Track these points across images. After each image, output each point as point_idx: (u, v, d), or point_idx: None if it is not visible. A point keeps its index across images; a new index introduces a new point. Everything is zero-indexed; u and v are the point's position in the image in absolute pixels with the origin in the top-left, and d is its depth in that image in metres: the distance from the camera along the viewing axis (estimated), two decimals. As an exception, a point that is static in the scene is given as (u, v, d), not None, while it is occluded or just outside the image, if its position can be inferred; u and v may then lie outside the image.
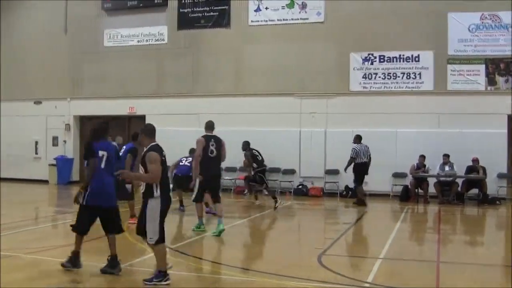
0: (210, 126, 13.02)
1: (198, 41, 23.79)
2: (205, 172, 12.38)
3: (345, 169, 19.06)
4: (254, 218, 16.01)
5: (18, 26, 26.82)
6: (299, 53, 22.27)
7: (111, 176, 8.84)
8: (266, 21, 22.74)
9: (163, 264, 8.21)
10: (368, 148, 18.81)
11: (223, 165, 21.75)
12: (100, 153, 8.74)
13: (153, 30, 24.40)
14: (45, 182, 25.31)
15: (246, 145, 18.48)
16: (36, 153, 26.15)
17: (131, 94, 24.67)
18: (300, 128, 21.98)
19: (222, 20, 23.22)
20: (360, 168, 18.70)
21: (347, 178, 20.44)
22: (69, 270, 8.75)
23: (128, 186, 13.56)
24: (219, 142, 12.72)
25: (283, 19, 22.54)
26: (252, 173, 18.23)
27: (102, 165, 8.76)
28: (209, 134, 12.80)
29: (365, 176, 18.92)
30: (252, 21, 22.92)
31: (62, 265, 8.77)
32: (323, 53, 22.06)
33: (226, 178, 22.01)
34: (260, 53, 22.86)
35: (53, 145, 25.84)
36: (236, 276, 9.08)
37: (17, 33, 26.79)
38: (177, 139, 21.56)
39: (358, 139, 18.86)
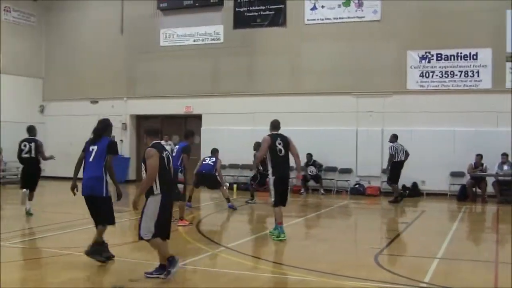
0: (275, 125, 13.23)
1: (254, 40, 25.83)
2: (276, 174, 12.79)
3: (387, 168, 21.00)
4: (311, 218, 17.22)
5: (75, 27, 29.82)
6: (355, 51, 23.94)
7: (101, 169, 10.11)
8: (322, 19, 24.54)
9: (162, 258, 9.09)
10: (403, 146, 20.75)
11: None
12: (90, 148, 10.15)
13: (209, 29, 26.73)
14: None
15: (258, 146, 19.86)
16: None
17: (188, 93, 26.96)
18: (357, 127, 23.66)
19: (278, 19, 25.15)
20: (398, 166, 20.70)
21: (404, 177, 22.11)
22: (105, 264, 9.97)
23: (180, 187, 14.44)
24: (286, 141, 12.97)
25: (339, 18, 24.29)
26: (255, 172, 20.31)
27: (90, 159, 10.12)
28: (274, 133, 13.10)
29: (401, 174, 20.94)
30: (308, 20, 24.78)
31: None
32: (380, 51, 23.66)
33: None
34: (316, 52, 24.63)
35: (112, 144, 28.55)
36: (293, 275, 9.60)
37: (74, 34, 29.79)
38: (232, 138, 24.09)
39: (394, 138, 20.75)
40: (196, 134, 25.83)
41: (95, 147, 10.13)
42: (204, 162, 19.26)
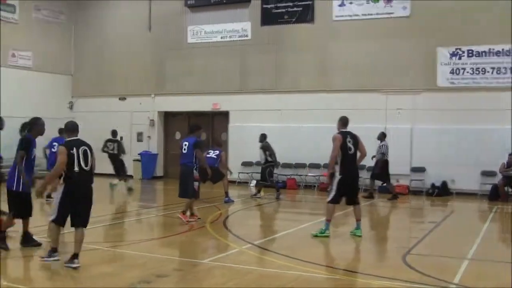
0: (345, 122, 13.18)
1: (282, 37, 25.58)
2: (345, 172, 12.64)
3: (376, 166, 21.11)
4: (338, 216, 16.53)
5: (103, 24, 29.89)
6: (384, 48, 23.59)
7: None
8: (351, 16, 24.22)
9: (54, 243, 9.69)
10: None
11: (311, 160, 23.88)
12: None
13: (236, 26, 26.51)
14: (130, 177, 27.99)
15: (264, 138, 20.63)
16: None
17: (215, 90, 26.82)
18: (386, 124, 23.17)
19: (306, 15, 24.89)
20: (387, 165, 20.96)
21: (434, 176, 22.11)
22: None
23: (196, 184, 14.59)
24: (355, 138, 12.95)
25: (368, 14, 23.93)
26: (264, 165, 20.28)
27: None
28: (344, 130, 13.03)
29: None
30: (336, 16, 24.45)
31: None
32: (409, 48, 23.24)
33: (310, 175, 24.04)
34: (345, 49, 24.30)
35: (138, 140, 28.43)
36: (319, 273, 9.67)
37: (103, 31, 29.85)
38: (259, 136, 23.71)
39: (384, 136, 20.95)
40: (223, 132, 25.76)
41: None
42: (207, 155, 18.99)
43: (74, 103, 30.56)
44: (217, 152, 19.30)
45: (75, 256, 9.52)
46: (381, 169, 20.98)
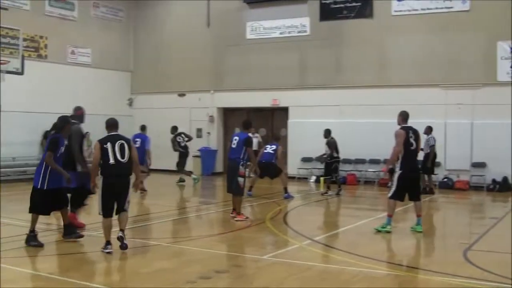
0: (406, 116, 13.60)
1: (341, 32, 26.64)
2: (405, 168, 13.12)
3: (427, 160, 21.76)
4: (398, 212, 16.70)
5: (162, 21, 31.56)
6: (444, 43, 24.36)
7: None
8: (410, 10, 25.06)
9: (106, 236, 10.90)
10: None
11: (370, 156, 24.79)
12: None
13: (295, 21, 27.68)
14: (189, 173, 29.19)
15: (328, 133, 21.20)
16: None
17: (274, 86, 28.09)
18: (446, 119, 24.04)
19: (364, 10, 25.86)
20: (435, 158, 22.00)
21: (494, 171, 22.94)
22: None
23: (241, 180, 14.80)
24: (417, 134, 13.41)
25: (427, 9, 24.70)
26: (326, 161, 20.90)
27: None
28: (406, 125, 13.46)
29: None
30: (395, 11, 25.35)
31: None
32: (469, 42, 23.96)
33: (370, 170, 25.09)
34: (404, 44, 25.21)
35: (197, 136, 29.61)
36: (379, 269, 9.91)
37: (162, 28, 31.55)
38: (319, 131, 24.64)
39: (430, 130, 21.82)
40: (283, 127, 26.74)
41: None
42: (265, 151, 20.09)
43: (133, 100, 32.30)
44: (274, 146, 20.10)
45: (121, 230, 11.13)
46: (431, 161, 21.96)
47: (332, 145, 20.86)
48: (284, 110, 27.92)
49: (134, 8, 32.21)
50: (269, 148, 20.06)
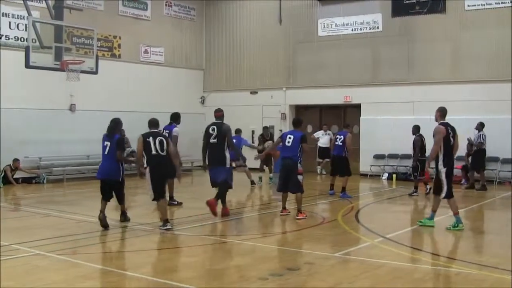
0: (445, 112, 13.60)
1: (413, 28, 26.46)
2: (449, 165, 13.11)
3: (473, 156, 21.84)
4: (471, 209, 17.29)
5: (233, 18, 31.94)
6: (519, 37, 23.90)
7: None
8: (483, 5, 24.65)
9: (163, 215, 12.95)
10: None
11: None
12: (105, 143, 13.40)
13: (367, 18, 27.63)
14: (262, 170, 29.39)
15: (417, 130, 20.38)
16: (253, 142, 30.42)
17: (346, 83, 28.11)
18: (521, 115, 23.55)
19: (437, 5, 25.54)
20: (484, 154, 21.85)
21: None
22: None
23: (300, 178, 14.90)
24: (454, 130, 13.33)
25: (501, 2, 24.28)
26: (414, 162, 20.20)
27: (106, 152, 13.32)
28: (445, 121, 13.44)
29: None
30: (468, 6, 24.99)
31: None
32: None
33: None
34: (477, 39, 24.87)
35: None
36: (452, 267, 9.87)
37: (233, 26, 31.94)
38: (391, 128, 24.66)
39: (482, 126, 21.73)
40: (355, 124, 26.68)
41: (109, 143, 13.38)
42: (335, 143, 19.78)
43: (205, 98, 32.57)
44: (342, 137, 19.52)
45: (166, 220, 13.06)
46: (481, 158, 21.82)
47: (416, 143, 20.00)
48: (357, 107, 27.87)
49: (206, 6, 32.70)
50: (338, 140, 19.61)
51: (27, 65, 19.61)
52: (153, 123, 13.56)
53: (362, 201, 19.24)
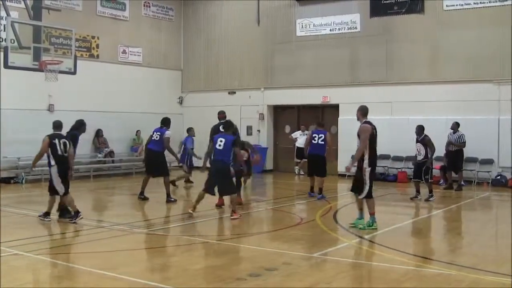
0: (366, 111, 13.91)
1: (392, 28, 26.48)
2: (374, 164, 13.26)
3: (455, 156, 21.84)
4: (449, 210, 17.26)
5: (212, 19, 31.83)
6: (498, 37, 23.89)
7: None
8: (462, 5, 24.68)
9: (74, 207, 13.76)
10: None
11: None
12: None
13: (345, 18, 27.60)
14: (240, 170, 29.40)
15: (421, 130, 19.23)
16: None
17: (324, 83, 28.10)
18: (499, 116, 23.58)
19: (415, 6, 25.49)
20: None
21: None
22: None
23: (233, 180, 15.69)
24: (376, 129, 13.53)
25: (480, 3, 24.30)
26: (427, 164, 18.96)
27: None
28: (368, 120, 13.69)
29: None
30: (447, 6, 25.01)
31: None
32: None
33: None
34: (456, 39, 24.85)
35: (247, 134, 29.63)
36: (431, 268, 9.88)
37: (211, 26, 31.84)
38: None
39: (458, 125, 21.97)
40: (333, 125, 26.72)
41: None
42: (313, 142, 19.15)
43: (183, 98, 32.63)
44: (323, 135, 19.08)
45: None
46: (460, 159, 22.09)
47: (428, 144, 18.81)
48: (335, 107, 27.85)
49: (184, 6, 32.62)
50: (318, 139, 19.00)
51: (6, 66, 19.49)
52: (57, 125, 14.82)
53: (341, 201, 19.32)
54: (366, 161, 12.99)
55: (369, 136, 12.94)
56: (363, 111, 13.65)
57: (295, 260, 10.41)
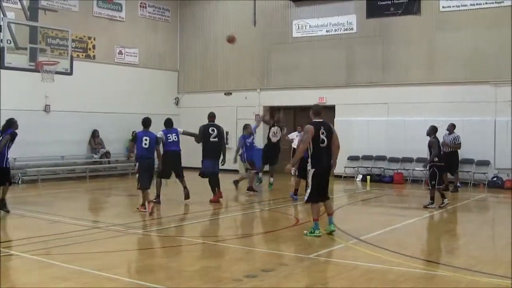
0: (319, 111, 12.66)
1: (388, 29, 26.53)
2: (318, 166, 12.33)
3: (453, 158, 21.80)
4: (446, 211, 17.15)
5: (208, 20, 31.91)
6: (494, 38, 23.96)
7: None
8: (459, 6, 24.73)
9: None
10: None
11: (418, 154, 24.63)
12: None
13: (341, 19, 27.66)
14: (236, 171, 29.40)
15: (433, 131, 18.08)
16: (227, 144, 30.46)
17: (321, 84, 28.15)
18: (496, 117, 23.64)
19: (412, 7, 25.62)
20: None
21: None
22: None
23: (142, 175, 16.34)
24: (329, 130, 12.45)
25: (476, 4, 24.35)
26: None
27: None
28: (318, 120, 12.45)
29: None
30: (443, 7, 25.08)
31: None
32: None
33: (417, 169, 24.68)
34: (453, 40, 24.92)
35: (243, 135, 29.99)
36: (427, 270, 9.95)
37: (208, 27, 31.93)
38: (366, 129, 24.71)
39: (454, 127, 22.04)
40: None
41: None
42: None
43: (180, 99, 32.64)
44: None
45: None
46: (456, 160, 22.08)
47: (433, 146, 17.66)
48: (331, 109, 27.70)
49: (181, 7, 32.69)
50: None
51: (2, 66, 19.44)
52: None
53: (336, 202, 18.89)
54: (309, 163, 12.43)
55: (311, 137, 12.15)
56: (314, 111, 12.62)
57: (291, 261, 10.44)
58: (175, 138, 17.72)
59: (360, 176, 25.98)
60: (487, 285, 9.03)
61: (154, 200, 16.58)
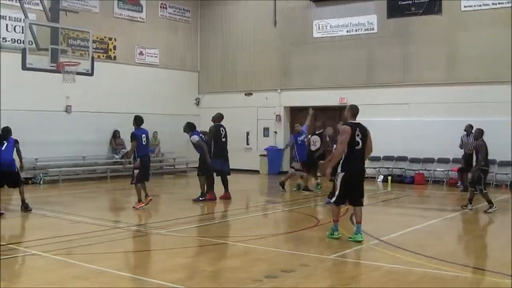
0: (356, 111, 12.60)
1: (409, 29, 26.42)
2: (347, 170, 11.97)
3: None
4: (467, 212, 17.03)
5: (228, 20, 31.94)
6: (516, 38, 23.78)
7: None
8: (480, 6, 24.58)
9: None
10: None
11: (439, 155, 24.48)
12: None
13: (362, 19, 27.62)
14: (256, 172, 29.50)
15: (480, 134, 17.77)
16: (248, 144, 30.60)
17: (341, 84, 28.08)
18: (518, 117, 23.40)
19: (433, 7, 25.43)
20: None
21: None
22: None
23: (135, 172, 17.23)
24: (364, 132, 12.31)
25: (498, 3, 24.20)
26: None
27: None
28: (354, 122, 12.37)
29: None
30: (465, 7, 24.92)
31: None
32: None
33: (438, 170, 24.74)
34: (474, 40, 24.77)
35: (264, 136, 30.21)
36: (448, 271, 9.71)
37: (228, 27, 31.95)
38: (386, 130, 24.54)
39: (471, 128, 21.10)
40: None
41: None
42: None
43: (200, 100, 32.63)
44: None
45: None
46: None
47: (480, 149, 17.15)
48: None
49: (201, 8, 32.78)
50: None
51: (24, 67, 19.61)
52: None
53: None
54: (340, 165, 11.99)
55: (348, 139, 11.81)
56: (352, 111, 12.44)
57: (312, 262, 10.39)
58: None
59: (381, 177, 25.89)
60: (509, 286, 8.91)
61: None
